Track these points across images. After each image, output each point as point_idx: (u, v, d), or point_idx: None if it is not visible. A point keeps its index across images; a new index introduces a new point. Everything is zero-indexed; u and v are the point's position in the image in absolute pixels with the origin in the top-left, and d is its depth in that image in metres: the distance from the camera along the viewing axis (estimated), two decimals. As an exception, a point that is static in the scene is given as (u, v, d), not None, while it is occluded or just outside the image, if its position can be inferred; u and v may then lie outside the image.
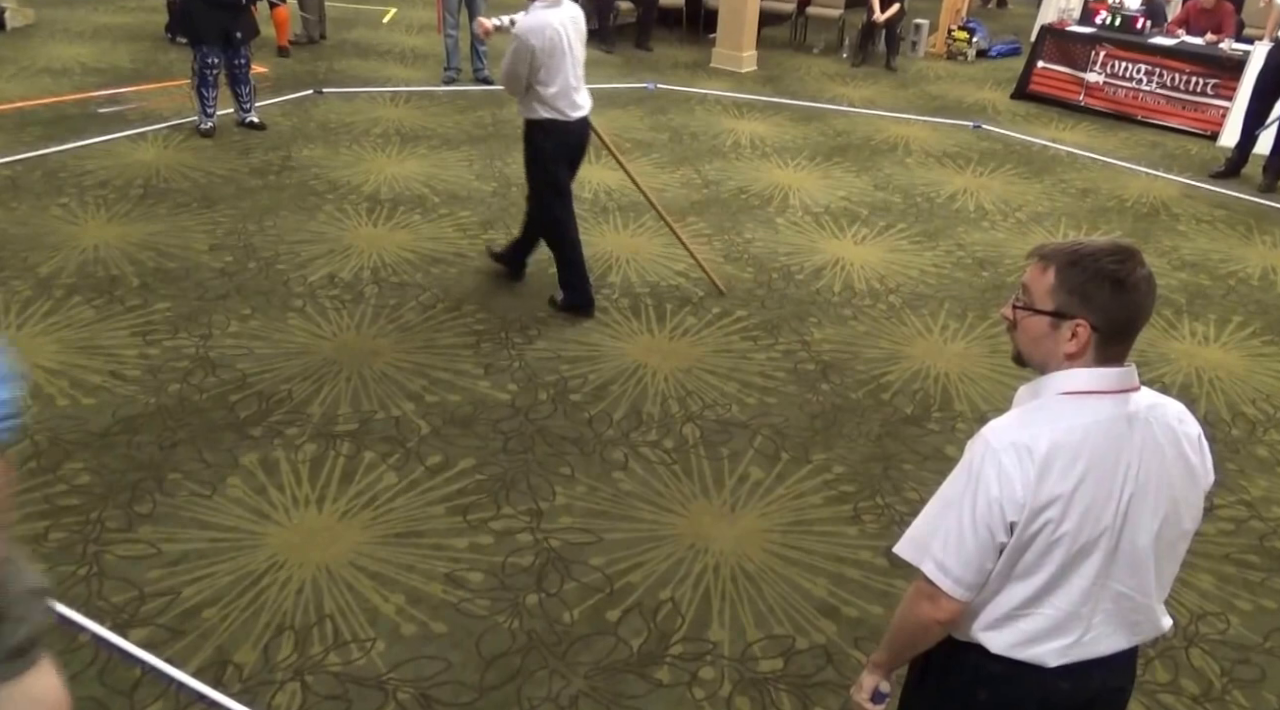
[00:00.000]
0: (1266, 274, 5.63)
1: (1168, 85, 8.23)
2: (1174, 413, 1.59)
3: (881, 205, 6.28)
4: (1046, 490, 1.48)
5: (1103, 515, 1.52)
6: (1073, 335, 1.51)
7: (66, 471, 3.37)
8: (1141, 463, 1.53)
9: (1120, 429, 1.52)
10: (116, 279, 4.67)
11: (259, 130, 6.75)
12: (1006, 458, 1.49)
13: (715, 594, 3.04)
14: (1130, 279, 1.48)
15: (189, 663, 2.67)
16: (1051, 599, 1.56)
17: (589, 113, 4.43)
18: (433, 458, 3.57)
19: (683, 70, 9.35)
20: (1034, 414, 1.53)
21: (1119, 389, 1.53)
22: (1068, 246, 1.53)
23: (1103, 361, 1.52)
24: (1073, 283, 1.50)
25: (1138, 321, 1.51)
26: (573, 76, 4.28)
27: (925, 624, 1.61)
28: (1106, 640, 1.61)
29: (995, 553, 1.53)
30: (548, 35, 4.13)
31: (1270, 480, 3.77)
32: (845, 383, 4.23)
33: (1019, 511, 1.49)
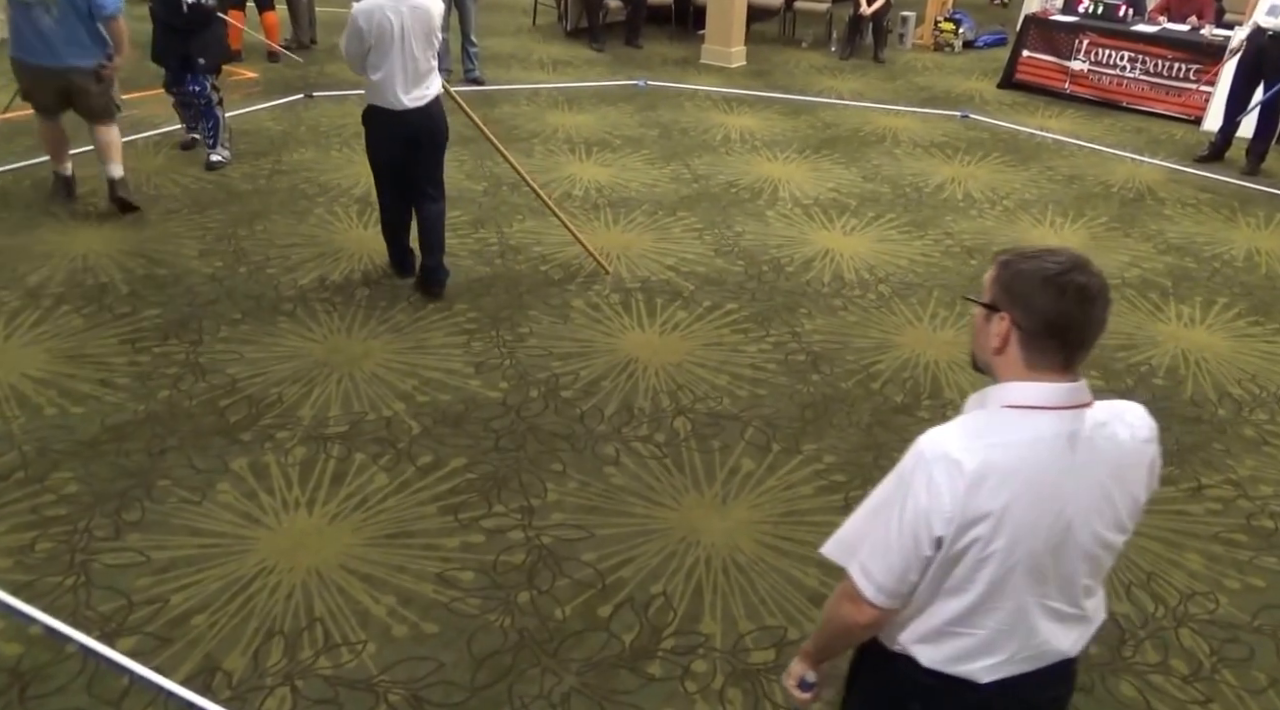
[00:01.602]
0: (1251, 256, 5.64)
1: (1151, 72, 8.24)
2: (1124, 428, 1.52)
3: (870, 196, 6.28)
4: (976, 506, 1.43)
5: (1036, 536, 1.47)
6: (998, 329, 1.48)
7: (54, 481, 3.37)
8: (1082, 485, 1.48)
9: (1060, 449, 1.46)
10: (106, 287, 4.67)
11: (216, 168, 6.10)
12: (937, 470, 1.44)
13: (707, 587, 3.05)
14: (1061, 280, 1.43)
15: (178, 671, 2.67)
16: (982, 618, 1.53)
17: (428, 103, 4.36)
18: (424, 458, 3.57)
19: (672, 66, 9.35)
20: (973, 425, 1.49)
21: (1065, 405, 1.47)
22: (1021, 247, 1.52)
23: (1034, 366, 1.47)
24: (1006, 276, 1.48)
25: (1071, 329, 1.44)
26: (402, 67, 4.22)
27: (847, 625, 1.60)
28: (1043, 656, 1.58)
29: (920, 564, 1.49)
30: (375, 19, 4.12)
31: (1257, 459, 3.78)
32: (835, 373, 4.23)
33: (946, 526, 1.45)
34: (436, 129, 4.45)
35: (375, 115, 4.38)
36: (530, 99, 8.04)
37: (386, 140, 4.42)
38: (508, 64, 9.11)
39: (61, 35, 5.16)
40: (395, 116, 4.31)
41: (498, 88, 8.30)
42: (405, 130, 4.36)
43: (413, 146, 4.44)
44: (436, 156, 4.56)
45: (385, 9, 4.12)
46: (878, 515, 1.53)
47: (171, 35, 5.92)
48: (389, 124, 4.35)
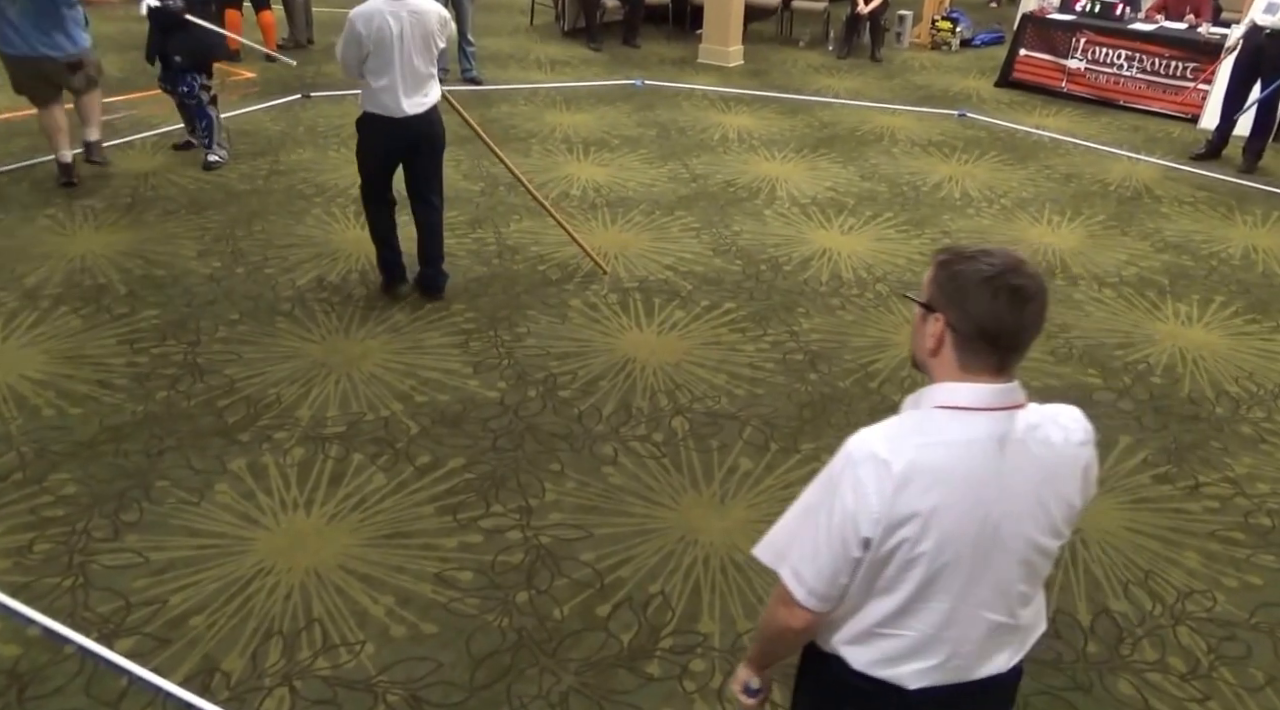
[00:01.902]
0: (1248, 254, 5.65)
1: (1148, 70, 8.25)
2: (1057, 431, 1.49)
3: (868, 195, 6.28)
4: (902, 507, 1.42)
5: (964, 538, 1.45)
6: (934, 330, 1.47)
7: (52, 482, 3.37)
8: (1012, 488, 1.46)
9: (990, 450, 1.44)
10: (104, 288, 4.67)
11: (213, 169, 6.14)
12: (863, 470, 1.42)
13: (705, 586, 3.05)
14: (996, 282, 1.40)
15: (176, 671, 2.67)
16: (911, 620, 1.51)
17: (428, 110, 4.29)
18: (422, 458, 3.57)
19: (670, 66, 9.35)
20: (904, 426, 1.47)
21: (997, 406, 1.45)
22: (960, 246, 1.50)
23: (971, 368, 1.45)
24: (942, 277, 1.46)
25: (1004, 332, 1.42)
26: (402, 74, 4.14)
27: (781, 629, 1.58)
28: (979, 667, 1.56)
29: (850, 566, 1.48)
30: (375, 24, 4.04)
31: (1254, 457, 3.78)
32: (833, 372, 4.24)
33: (874, 527, 1.43)
34: (436, 135, 4.40)
35: (372, 122, 4.29)
36: (528, 99, 8.04)
37: (383, 147, 4.34)
38: (505, 64, 9.11)
39: (29, 24, 5.31)
40: (395, 124, 4.23)
41: (495, 87, 8.30)
42: (405, 137, 4.30)
43: (412, 153, 4.39)
44: (436, 162, 4.50)
45: (385, 13, 4.05)
46: (807, 517, 1.51)
47: (154, 35, 5.97)
48: (388, 131, 4.26)
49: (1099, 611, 3.00)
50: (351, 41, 4.12)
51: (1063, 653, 2.85)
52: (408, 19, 4.07)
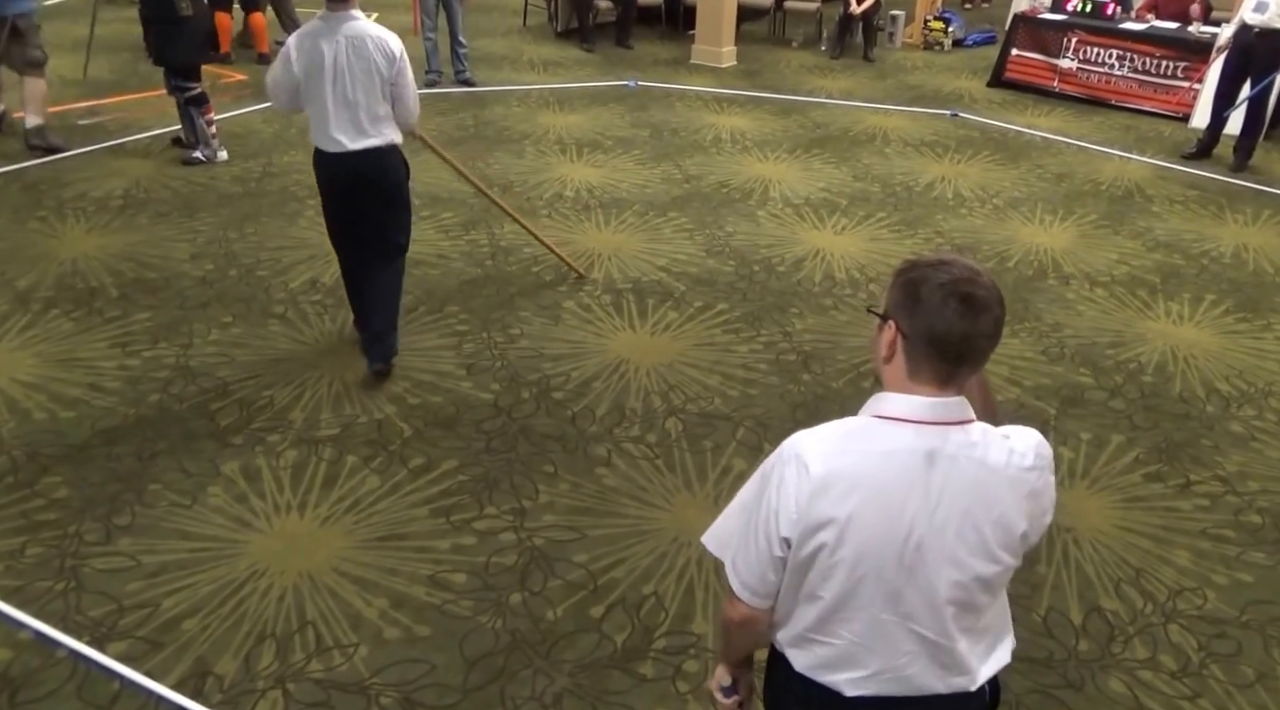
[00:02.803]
0: (1238, 252, 5.67)
1: (1139, 69, 8.28)
2: (1000, 452, 1.45)
3: (861, 195, 6.30)
4: (819, 511, 1.42)
5: (883, 551, 1.43)
6: (887, 337, 1.47)
7: (44, 486, 3.36)
8: (937, 505, 1.42)
9: (914, 463, 1.42)
10: (96, 290, 4.66)
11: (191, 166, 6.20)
12: (788, 470, 1.44)
13: (699, 587, 3.06)
14: (946, 290, 1.39)
15: (169, 675, 2.67)
16: (837, 627, 1.51)
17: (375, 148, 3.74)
18: (415, 460, 3.57)
19: (663, 67, 9.36)
20: (837, 430, 1.48)
21: (931, 420, 1.43)
22: (921, 256, 1.49)
23: (918, 377, 1.45)
24: (898, 284, 1.46)
25: (951, 341, 1.40)
26: (335, 105, 3.65)
27: (725, 621, 1.61)
28: (914, 680, 1.53)
29: (775, 564, 1.49)
30: (305, 48, 3.63)
31: (1244, 455, 3.80)
32: (827, 372, 4.24)
33: (792, 527, 1.44)
34: (384, 181, 3.81)
35: (317, 158, 3.84)
36: (521, 100, 8.04)
37: (326, 186, 3.90)
38: (499, 65, 9.11)
39: None
40: (333, 160, 3.75)
41: (489, 89, 8.30)
42: (343, 176, 3.79)
43: (356, 196, 3.83)
44: (391, 213, 3.92)
45: (319, 36, 3.63)
46: (742, 512, 1.54)
47: (145, 27, 6.03)
48: (326, 167, 3.80)
49: (1090, 609, 3.01)
50: (282, 62, 3.68)
51: (1054, 651, 2.86)
52: (344, 45, 3.61)
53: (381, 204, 3.87)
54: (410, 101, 3.80)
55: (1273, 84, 6.83)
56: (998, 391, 4.15)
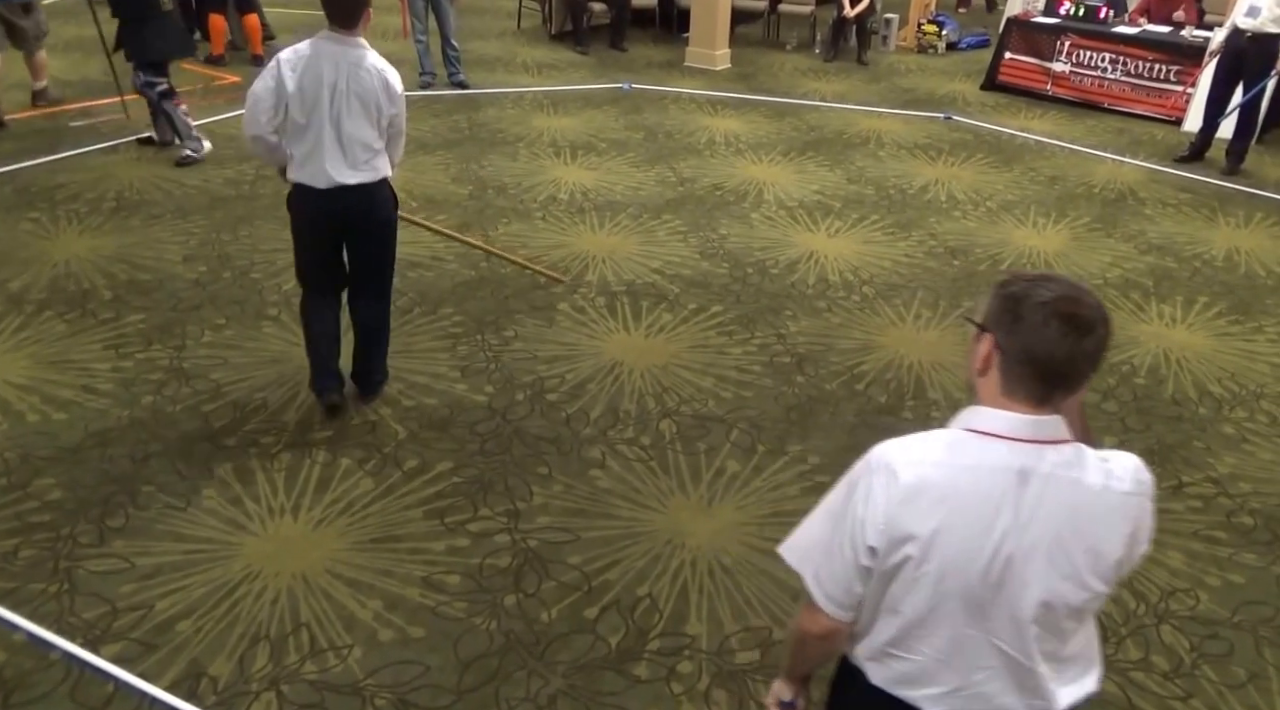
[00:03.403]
0: (1230, 255, 5.70)
1: (1132, 73, 8.32)
2: (1098, 474, 1.41)
3: (854, 198, 6.31)
4: (905, 524, 1.40)
5: (971, 566, 1.40)
6: (983, 350, 1.45)
7: (37, 488, 3.35)
8: (1028, 525, 1.39)
9: (1006, 481, 1.39)
10: (89, 292, 4.65)
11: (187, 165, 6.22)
12: (876, 479, 1.42)
13: (693, 588, 3.06)
14: (1048, 308, 1.36)
15: (162, 677, 2.66)
16: (919, 644, 1.48)
17: (369, 183, 3.48)
18: (410, 462, 3.57)
19: (657, 69, 9.37)
20: (927, 442, 1.45)
21: (1025, 438, 1.40)
22: (1024, 270, 1.48)
23: (1014, 395, 1.41)
24: (998, 297, 1.44)
25: (1051, 360, 1.37)
26: (330, 137, 3.35)
27: (803, 635, 1.57)
28: (993, 699, 1.50)
29: (860, 574, 1.47)
30: (301, 68, 3.30)
31: (1236, 457, 3.82)
32: (820, 374, 4.25)
33: (878, 537, 1.42)
34: (376, 215, 3.57)
35: (298, 195, 3.50)
36: (515, 102, 8.04)
37: (310, 225, 3.56)
38: (492, 67, 9.11)
39: None
40: (322, 197, 3.43)
41: (482, 91, 8.30)
42: (335, 213, 3.49)
43: (347, 234, 3.59)
44: (382, 249, 3.68)
45: (320, 58, 3.30)
46: (826, 521, 1.51)
47: (118, 24, 6.07)
48: (315, 205, 3.47)
49: (1083, 611, 3.02)
50: (269, 80, 3.30)
51: (1048, 652, 2.86)
52: (347, 73, 3.32)
53: (372, 238, 3.63)
54: (402, 143, 3.65)
55: (1265, 89, 6.86)
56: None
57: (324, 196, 3.44)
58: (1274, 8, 6.46)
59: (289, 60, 3.32)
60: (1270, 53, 6.60)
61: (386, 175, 3.56)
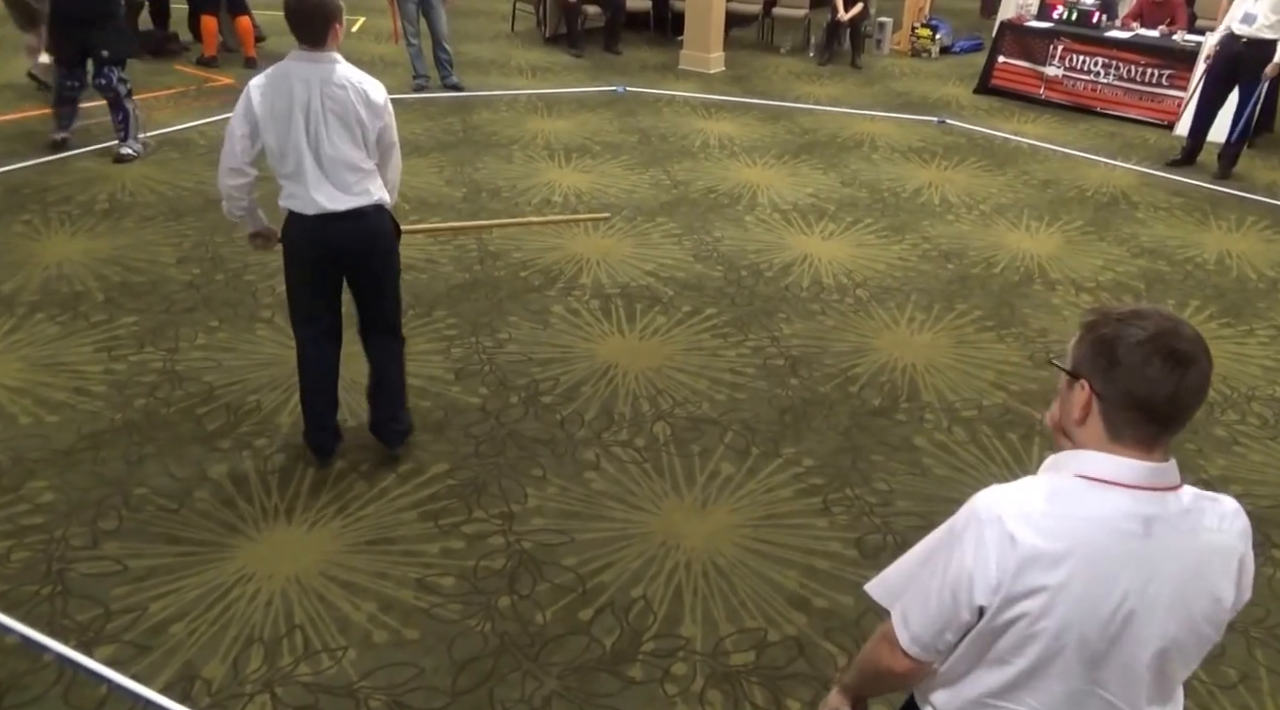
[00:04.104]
0: (1222, 259, 5.73)
1: (1124, 77, 8.36)
2: (1212, 520, 1.37)
3: (848, 201, 6.33)
4: (1026, 581, 1.32)
5: (1091, 622, 1.33)
6: (1079, 398, 1.36)
7: (29, 490, 3.34)
8: (1154, 576, 1.33)
9: (1132, 531, 1.32)
10: (81, 295, 4.63)
11: (124, 162, 6.20)
12: (989, 533, 1.33)
13: (687, 590, 3.06)
14: (1148, 347, 1.29)
15: (156, 679, 2.66)
16: (1025, 695, 1.41)
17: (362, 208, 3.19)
18: (404, 464, 3.57)
19: (651, 72, 9.38)
20: (1039, 491, 1.36)
21: (1146, 485, 1.33)
22: (1112, 306, 1.37)
23: (1122, 440, 1.34)
24: (1088, 340, 1.35)
25: (1157, 402, 1.30)
26: (311, 160, 3.10)
27: (881, 669, 1.52)
28: None
29: (958, 627, 1.40)
30: (269, 90, 3.06)
31: (1228, 459, 3.84)
32: (814, 376, 4.26)
33: (990, 594, 1.34)
34: (374, 247, 3.28)
35: (289, 223, 3.26)
36: (509, 105, 8.05)
37: (298, 257, 3.28)
38: (486, 70, 9.11)
39: None
40: (311, 225, 3.17)
41: (476, 94, 8.30)
42: (325, 242, 3.20)
43: (342, 266, 3.28)
44: (384, 282, 3.37)
45: (290, 78, 3.06)
46: (925, 563, 1.44)
47: (71, 28, 6.02)
48: (304, 234, 3.21)
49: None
50: (240, 108, 3.09)
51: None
52: (319, 91, 3.06)
53: (370, 275, 3.32)
54: (397, 161, 3.33)
55: (1262, 94, 6.90)
56: (983, 396, 4.18)
57: (313, 224, 3.17)
58: (1269, 14, 6.51)
59: (258, 85, 3.09)
60: (1266, 58, 6.64)
61: (382, 200, 3.24)
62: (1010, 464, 3.73)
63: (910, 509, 3.45)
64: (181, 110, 7.38)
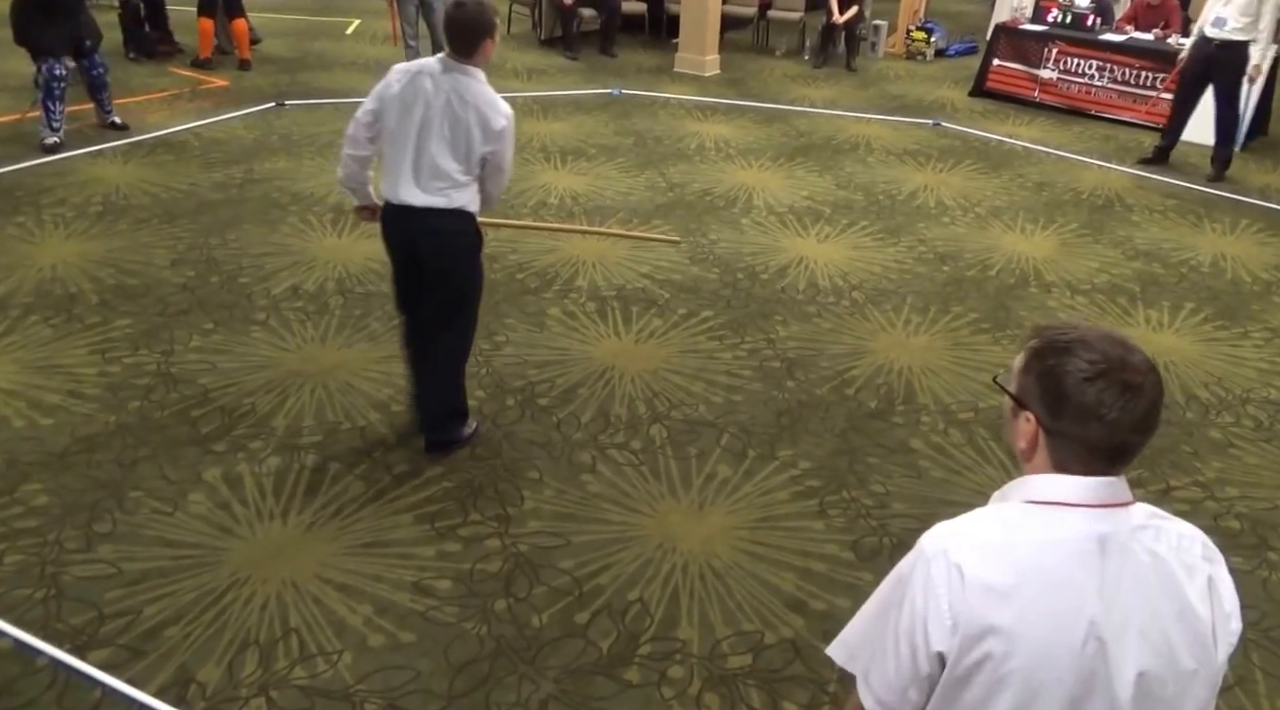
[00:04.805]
0: (1216, 261, 5.75)
1: (1118, 80, 8.39)
2: (1170, 540, 1.28)
3: (844, 203, 6.34)
4: (981, 617, 1.22)
5: (1062, 656, 1.22)
6: (1025, 429, 1.29)
7: (23, 493, 3.33)
8: (1118, 596, 1.23)
9: (1087, 551, 1.23)
10: (75, 297, 4.62)
11: (122, 129, 6.74)
12: (936, 569, 1.24)
13: (684, 593, 3.06)
14: (1098, 384, 1.21)
15: (151, 683, 2.64)
16: None
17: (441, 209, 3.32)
18: (399, 466, 3.56)
19: (646, 75, 9.39)
20: (985, 521, 1.28)
21: (1097, 503, 1.25)
22: (1056, 328, 1.29)
23: (1070, 469, 1.26)
24: (1034, 370, 1.27)
25: (1106, 438, 1.22)
26: (413, 156, 3.28)
27: None
28: None
29: (920, 681, 1.28)
30: (408, 80, 3.27)
31: (1223, 461, 3.84)
32: (810, 379, 4.26)
33: (946, 637, 1.23)
34: (443, 246, 3.39)
35: (383, 209, 3.48)
36: (505, 107, 8.03)
37: (386, 241, 3.52)
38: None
39: None
40: (392, 212, 3.40)
41: (472, 96, 8.28)
42: (403, 232, 3.41)
43: (414, 258, 3.44)
44: (448, 284, 3.46)
45: (428, 75, 3.25)
46: (878, 618, 1.33)
47: (58, 22, 6.18)
48: (387, 219, 3.44)
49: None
50: (380, 85, 3.33)
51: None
52: (447, 99, 3.24)
53: (437, 274, 3.43)
54: (502, 180, 3.47)
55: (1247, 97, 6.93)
56: (979, 398, 4.19)
57: (395, 213, 3.38)
58: (1239, 17, 6.60)
59: (400, 69, 3.33)
60: (1241, 58, 6.73)
61: (464, 206, 3.35)
62: (1006, 466, 3.73)
63: (906, 511, 3.45)
64: (176, 112, 7.37)
